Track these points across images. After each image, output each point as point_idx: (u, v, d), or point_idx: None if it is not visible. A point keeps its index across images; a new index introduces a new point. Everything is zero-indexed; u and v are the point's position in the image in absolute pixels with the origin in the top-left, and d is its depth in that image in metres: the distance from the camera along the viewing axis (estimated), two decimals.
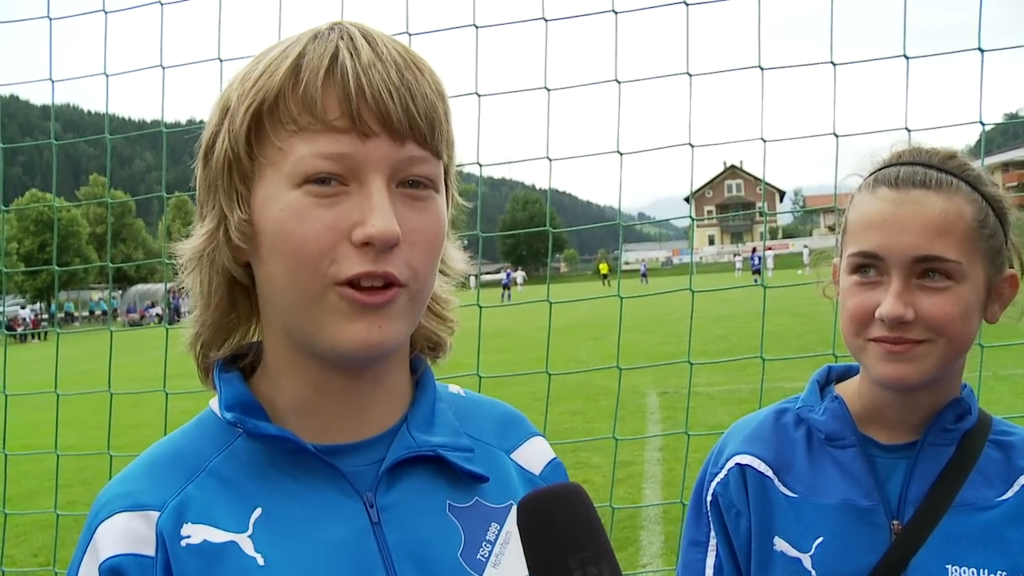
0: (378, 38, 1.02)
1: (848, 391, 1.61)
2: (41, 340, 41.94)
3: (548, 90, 3.91)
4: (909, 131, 3.42)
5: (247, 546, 1.03)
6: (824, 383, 1.68)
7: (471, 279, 1.35)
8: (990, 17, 3.47)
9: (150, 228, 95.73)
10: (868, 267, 1.45)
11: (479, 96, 3.81)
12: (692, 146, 3.97)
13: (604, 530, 0.89)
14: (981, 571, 1.42)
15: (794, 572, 1.50)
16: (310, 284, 0.99)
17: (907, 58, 3.54)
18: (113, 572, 1.00)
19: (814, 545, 1.50)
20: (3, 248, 5.40)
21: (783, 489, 1.56)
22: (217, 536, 1.02)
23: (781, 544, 1.52)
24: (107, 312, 64.52)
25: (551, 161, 4.02)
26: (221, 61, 3.84)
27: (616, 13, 3.79)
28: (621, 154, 4.01)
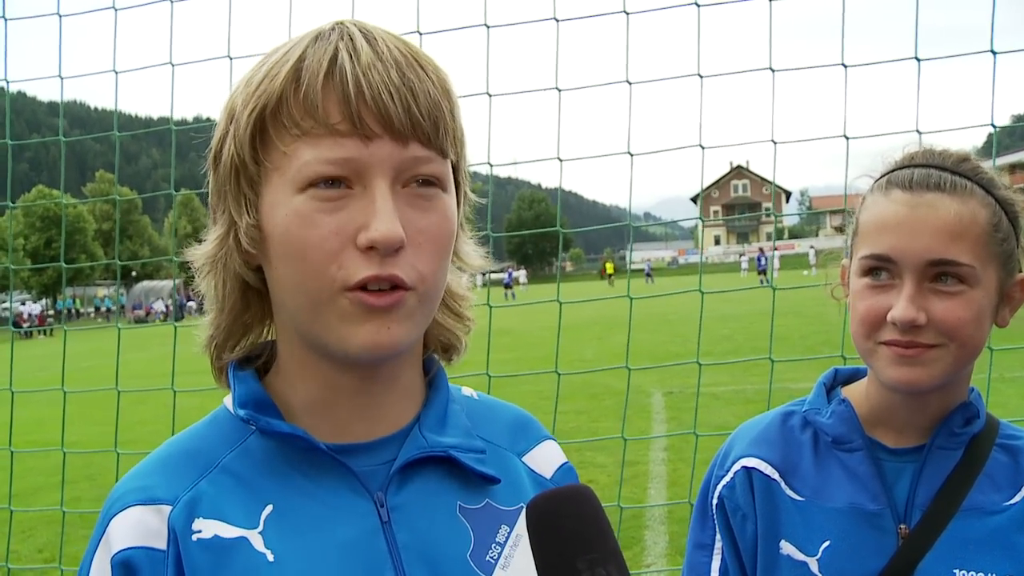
0: (379, 37, 1.01)
1: (855, 394, 1.60)
2: (47, 336, 42.07)
3: (559, 90, 3.91)
4: (920, 133, 3.40)
5: (257, 542, 1.03)
6: (831, 386, 1.67)
7: (476, 278, 1.35)
8: (999, 18, 3.46)
9: (156, 225, 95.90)
10: (880, 270, 1.44)
11: (490, 96, 3.81)
12: (703, 147, 3.97)
13: (612, 531, 0.90)
14: (989, 575, 1.41)
15: None
16: (319, 289, 1.00)
17: (919, 60, 3.53)
18: (125, 565, 1.01)
19: (821, 549, 1.49)
20: (11, 245, 5.41)
21: (790, 492, 1.56)
22: (228, 532, 1.03)
23: (788, 548, 1.52)
24: (111, 309, 64.77)
25: (562, 162, 4.03)
26: (231, 59, 3.84)
27: (628, 14, 3.79)
28: (632, 155, 4.01)
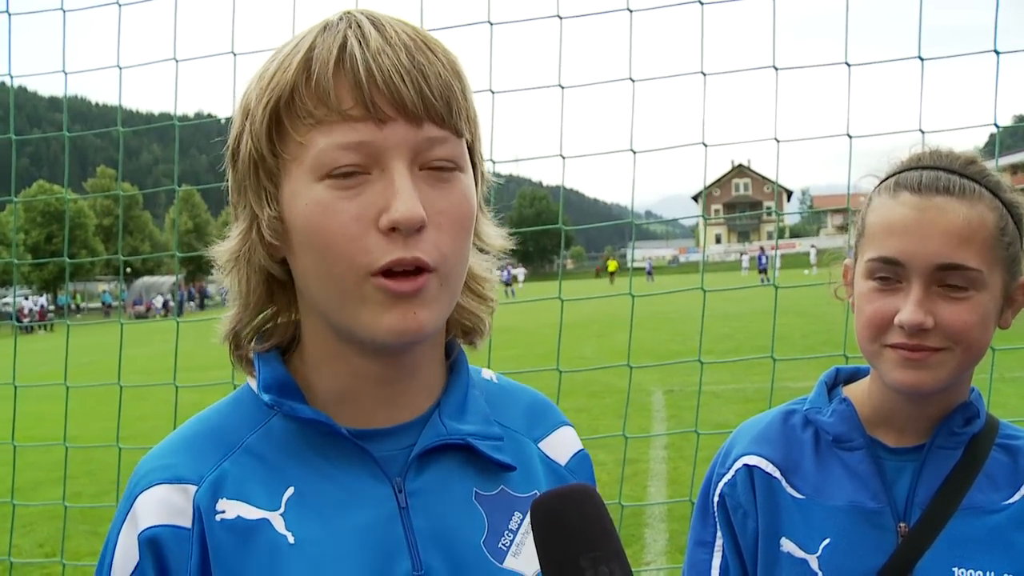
0: (387, 23, 1.02)
1: (856, 393, 1.61)
2: (47, 331, 42.03)
3: (562, 88, 3.90)
4: (923, 132, 3.41)
5: (279, 524, 1.05)
6: (832, 385, 1.68)
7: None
8: (1002, 18, 3.45)
9: (157, 221, 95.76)
10: (888, 273, 1.44)
11: (493, 93, 3.81)
12: (706, 145, 3.97)
13: (616, 531, 0.90)
14: (987, 574, 1.42)
15: (801, 573, 1.51)
16: (345, 276, 1.00)
17: (922, 60, 3.53)
18: (151, 542, 1.03)
19: (821, 546, 1.50)
20: (15, 240, 5.42)
21: (790, 490, 1.56)
22: (251, 513, 1.06)
23: (788, 545, 1.53)
24: (111, 304, 64.74)
25: (564, 159, 4.02)
26: (235, 55, 3.84)
27: (631, 12, 3.79)
28: (635, 152, 4.01)
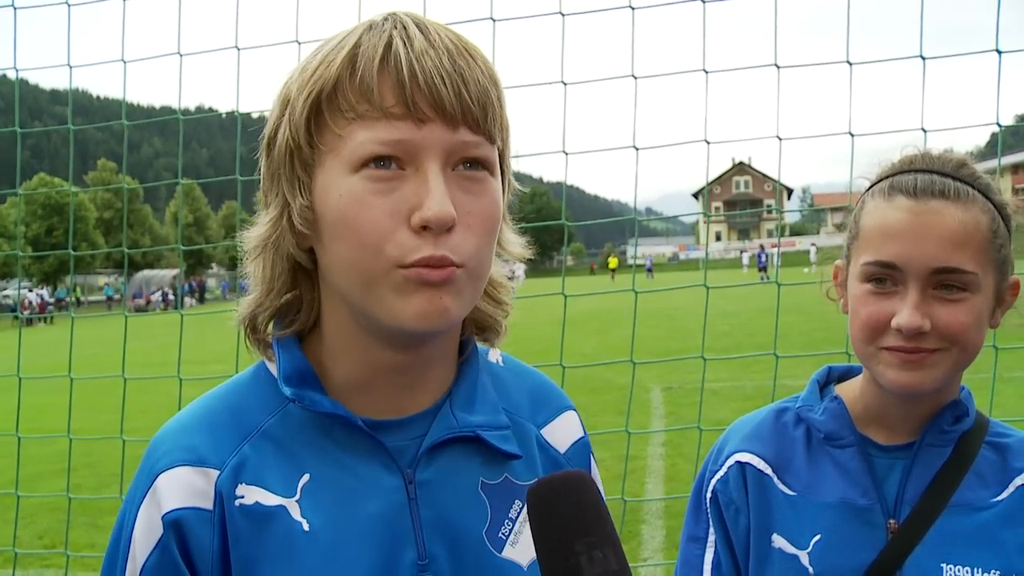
0: (431, 27, 1.05)
1: (848, 392, 1.62)
2: (47, 324, 42.07)
3: (565, 84, 3.92)
4: (925, 131, 3.42)
5: (294, 511, 1.09)
6: (824, 383, 1.69)
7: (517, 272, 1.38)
8: (1004, 18, 3.46)
9: (157, 214, 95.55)
10: (884, 276, 1.45)
11: None
12: (708, 143, 3.99)
13: (611, 519, 0.92)
14: (975, 570, 1.44)
15: (791, 569, 1.52)
16: (373, 266, 1.02)
17: (923, 59, 3.54)
18: (176, 524, 1.06)
19: (812, 543, 1.52)
20: (19, 232, 5.44)
21: (782, 487, 1.58)
22: (268, 499, 1.09)
23: (779, 541, 1.54)
24: (111, 297, 64.78)
25: (567, 155, 4.04)
26: (239, 49, 3.86)
27: (633, 9, 3.80)
28: (637, 149, 4.03)
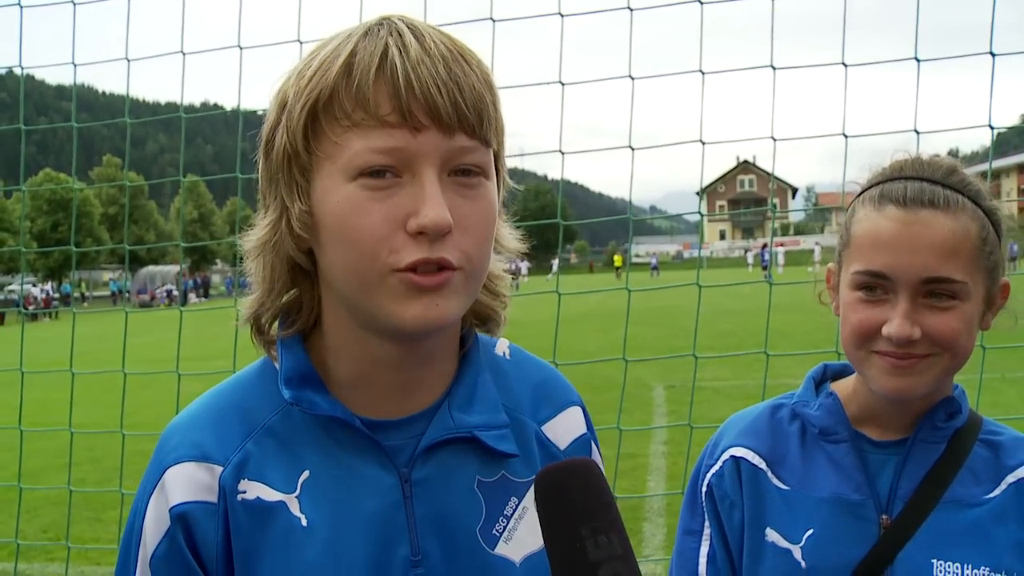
0: (426, 33, 1.06)
1: (843, 388, 1.64)
2: (52, 319, 42.13)
3: (563, 84, 3.95)
4: (918, 133, 3.45)
5: (293, 506, 1.12)
6: (820, 380, 1.71)
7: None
8: (1004, 17, 3.48)
9: (162, 210, 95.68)
10: (874, 285, 1.46)
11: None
12: (703, 143, 4.01)
13: (615, 504, 0.93)
14: (965, 566, 1.45)
15: (784, 563, 1.54)
16: (370, 271, 1.04)
17: (918, 61, 3.56)
18: (183, 517, 1.11)
19: (804, 537, 1.53)
20: (23, 228, 5.48)
21: (776, 482, 1.59)
22: (269, 495, 1.13)
23: (772, 535, 1.56)
24: (115, 293, 64.83)
25: (563, 155, 4.07)
26: (241, 48, 3.89)
27: (631, 10, 3.83)
28: (633, 149, 4.06)
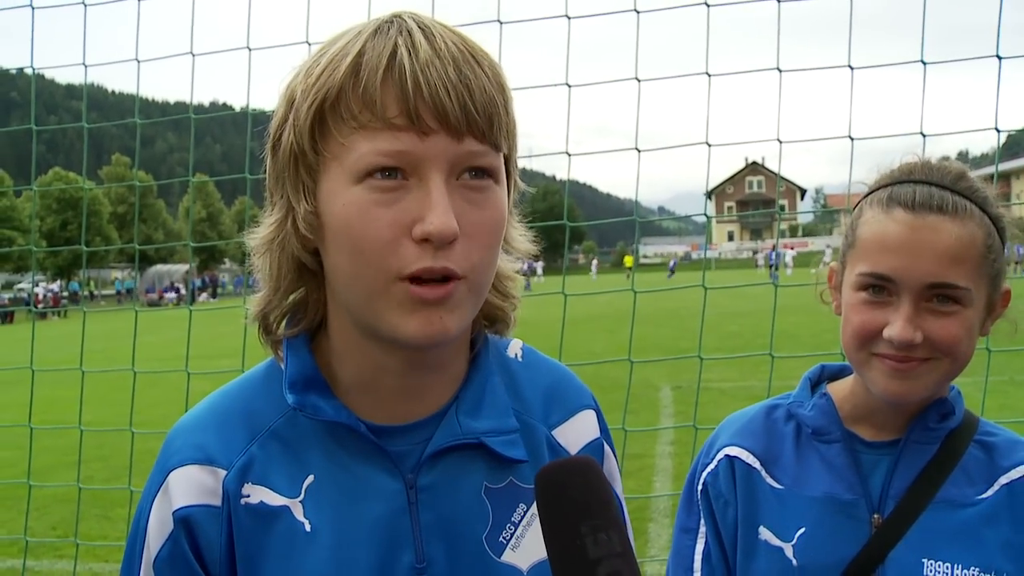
0: (437, 32, 1.03)
1: (839, 390, 1.65)
2: (61, 318, 42.25)
3: (569, 86, 3.97)
4: (924, 136, 3.46)
5: (297, 511, 1.11)
6: (816, 381, 1.72)
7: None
8: (1011, 20, 3.48)
9: (171, 209, 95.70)
10: (878, 288, 1.47)
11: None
12: (709, 145, 4.03)
13: (616, 503, 0.93)
14: (955, 566, 1.46)
15: (776, 561, 1.55)
16: (374, 278, 1.02)
17: (924, 63, 3.57)
18: (186, 520, 1.10)
19: (796, 535, 1.54)
20: (33, 227, 5.51)
21: (770, 481, 1.61)
22: (273, 499, 1.12)
23: (765, 533, 1.57)
24: (122, 292, 64.99)
25: (570, 156, 4.09)
26: (250, 50, 3.92)
27: (638, 12, 3.85)
28: (639, 151, 4.08)
